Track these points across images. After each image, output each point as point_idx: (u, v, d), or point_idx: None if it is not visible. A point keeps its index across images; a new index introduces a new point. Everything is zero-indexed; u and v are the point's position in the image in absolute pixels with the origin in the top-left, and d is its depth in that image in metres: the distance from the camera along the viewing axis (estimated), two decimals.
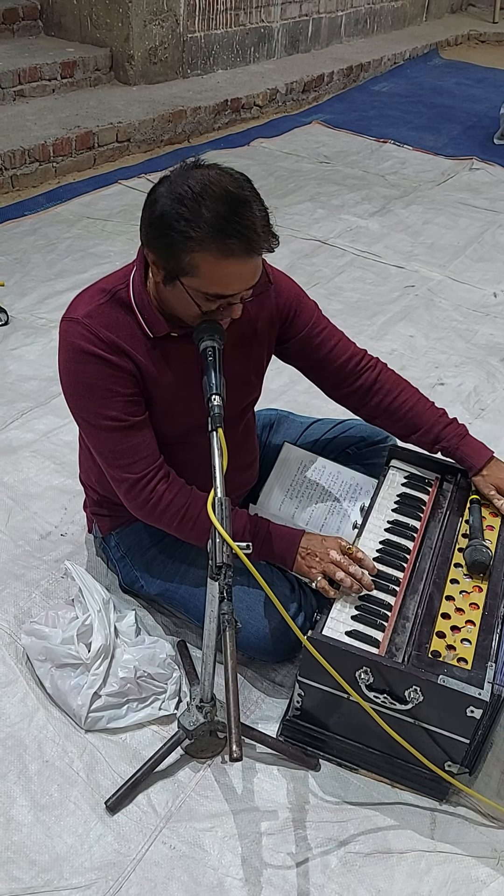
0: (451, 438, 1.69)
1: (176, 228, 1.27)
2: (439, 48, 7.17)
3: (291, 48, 6.06)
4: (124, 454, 1.48)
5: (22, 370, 2.65)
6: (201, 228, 1.26)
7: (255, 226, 1.28)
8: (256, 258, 1.32)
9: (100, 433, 1.48)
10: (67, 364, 1.46)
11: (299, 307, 1.62)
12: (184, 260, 1.30)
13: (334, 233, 3.77)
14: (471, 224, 3.97)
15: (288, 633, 1.59)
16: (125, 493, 1.52)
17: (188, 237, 1.27)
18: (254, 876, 1.37)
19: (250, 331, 1.56)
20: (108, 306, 1.44)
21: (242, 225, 1.26)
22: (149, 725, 1.58)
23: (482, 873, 1.41)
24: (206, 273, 1.30)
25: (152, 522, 1.55)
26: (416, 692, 1.35)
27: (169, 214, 1.28)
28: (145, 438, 1.49)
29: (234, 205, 1.27)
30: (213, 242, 1.27)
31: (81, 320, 1.43)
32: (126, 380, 1.45)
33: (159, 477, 1.50)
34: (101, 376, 1.44)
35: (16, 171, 3.94)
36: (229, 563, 1.16)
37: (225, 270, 1.30)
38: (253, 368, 1.62)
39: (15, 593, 1.83)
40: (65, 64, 4.68)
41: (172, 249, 1.30)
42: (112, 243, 3.51)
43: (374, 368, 1.70)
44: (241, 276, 1.32)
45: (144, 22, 4.81)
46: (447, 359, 2.90)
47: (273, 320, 1.60)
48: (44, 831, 1.41)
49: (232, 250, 1.27)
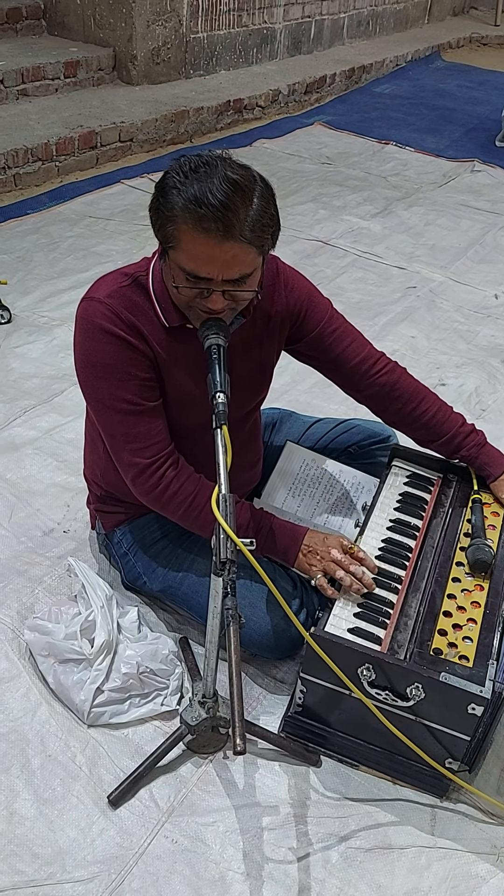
0: (471, 448, 1.70)
1: (167, 195, 1.29)
2: (441, 50, 7.18)
3: (294, 49, 6.07)
4: (136, 438, 1.48)
5: (24, 368, 2.66)
6: (186, 198, 1.26)
7: (238, 212, 1.26)
8: (235, 246, 1.28)
9: (113, 415, 1.47)
10: (86, 343, 1.45)
11: (311, 305, 1.61)
12: (168, 228, 1.31)
13: (336, 233, 3.79)
14: (472, 226, 3.98)
15: (290, 630, 1.60)
16: (134, 477, 1.51)
17: (173, 203, 1.28)
18: (255, 870, 1.38)
19: (261, 329, 1.56)
20: (130, 290, 1.45)
21: (224, 205, 1.25)
22: (151, 721, 1.59)
23: (482, 869, 1.42)
24: (184, 246, 1.30)
25: (158, 509, 1.55)
26: (418, 689, 1.36)
27: (167, 180, 1.30)
28: (158, 425, 1.49)
29: (224, 185, 1.26)
30: (190, 213, 1.26)
31: (104, 300, 1.43)
32: (144, 363, 1.45)
33: (169, 463, 1.50)
34: (120, 357, 1.43)
35: (19, 170, 3.95)
36: (233, 558, 1.17)
37: (199, 247, 1.29)
38: (262, 367, 1.62)
39: (18, 589, 1.83)
40: (68, 63, 4.69)
41: (160, 215, 1.31)
42: (114, 242, 3.52)
43: (392, 372, 1.68)
44: (214, 259, 1.29)
45: (147, 22, 4.82)
46: (448, 360, 2.91)
47: (283, 318, 1.59)
48: (46, 825, 1.42)
49: (207, 227, 1.26)
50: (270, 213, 1.33)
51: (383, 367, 1.68)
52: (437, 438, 1.71)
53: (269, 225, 1.33)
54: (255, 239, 1.30)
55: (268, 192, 1.33)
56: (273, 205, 1.34)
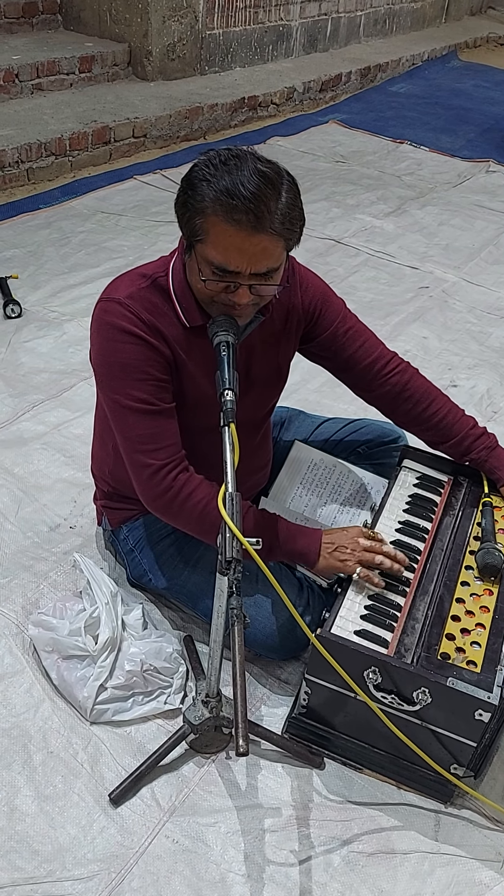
0: (481, 451, 1.68)
1: (196, 187, 1.29)
2: (458, 50, 7.14)
3: (310, 47, 6.04)
4: (150, 440, 1.47)
5: (34, 363, 2.65)
6: (217, 189, 1.26)
7: (268, 204, 1.27)
8: (265, 238, 1.29)
9: (128, 415, 1.46)
10: (105, 343, 1.45)
11: (325, 305, 1.60)
12: (196, 221, 1.30)
13: (349, 232, 3.76)
14: (486, 226, 3.95)
15: (295, 631, 1.59)
16: (146, 480, 1.48)
17: (203, 195, 1.28)
18: (256, 872, 1.37)
19: (279, 329, 1.55)
20: (149, 291, 1.44)
21: (256, 197, 1.25)
22: (154, 719, 1.58)
23: (486, 876, 1.41)
24: (213, 238, 1.30)
25: (171, 516, 1.51)
26: (425, 694, 1.34)
27: (195, 173, 1.30)
28: (172, 427, 1.48)
29: (255, 177, 1.26)
30: (222, 205, 1.26)
31: (123, 301, 1.43)
32: (161, 364, 1.45)
33: (182, 467, 1.48)
34: (139, 357, 1.43)
35: (32, 165, 3.95)
36: (239, 558, 1.16)
37: (229, 239, 1.28)
38: (277, 367, 1.62)
39: (23, 584, 1.83)
40: (83, 59, 4.68)
41: (188, 208, 1.31)
42: (126, 238, 3.51)
43: (403, 373, 1.67)
44: (244, 251, 1.29)
45: (163, 18, 4.81)
46: (460, 361, 2.89)
47: (299, 318, 1.58)
48: (47, 822, 1.41)
49: (239, 219, 1.26)
50: (299, 206, 1.33)
51: (396, 367, 1.67)
52: (448, 440, 1.69)
53: (298, 219, 1.33)
54: (284, 232, 1.31)
55: (294, 186, 1.33)
56: (300, 199, 1.34)
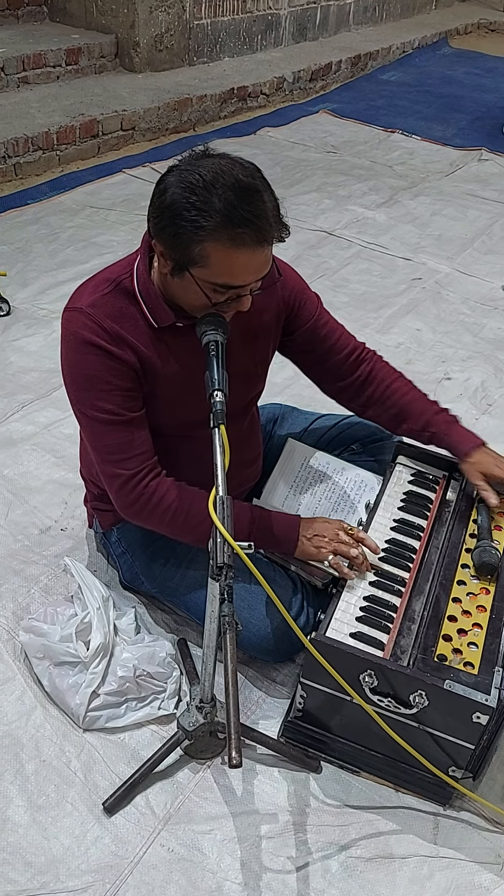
0: (441, 425, 1.66)
1: (186, 218, 1.25)
2: (448, 37, 7.08)
3: (299, 36, 5.99)
4: (118, 449, 1.46)
5: (23, 361, 2.61)
6: (212, 217, 1.24)
7: (266, 215, 1.26)
8: (267, 248, 1.31)
9: (95, 426, 1.46)
10: (69, 354, 1.44)
11: (303, 299, 1.61)
12: (194, 250, 1.27)
13: (341, 224, 3.73)
14: (479, 216, 3.92)
15: (290, 633, 1.56)
16: (117, 489, 1.49)
17: (199, 226, 1.25)
18: (253, 880, 1.35)
19: (256, 323, 1.53)
20: (113, 296, 1.42)
21: (254, 214, 1.24)
22: (148, 725, 1.56)
23: (485, 879, 1.39)
24: (216, 263, 1.28)
25: (142, 521, 1.53)
26: (422, 697, 1.32)
27: (179, 203, 1.26)
28: (141, 436, 1.47)
29: (245, 193, 1.24)
30: (224, 231, 1.24)
31: (85, 310, 1.40)
32: (126, 374, 1.43)
33: (153, 475, 1.48)
34: (102, 368, 1.41)
35: (19, 160, 3.90)
36: (230, 563, 1.13)
37: (236, 261, 1.28)
38: (259, 361, 1.60)
39: (14, 589, 1.80)
40: (70, 51, 4.62)
41: (182, 239, 1.27)
42: (115, 233, 3.47)
43: (370, 361, 1.69)
44: (251, 267, 1.30)
45: (150, 8, 4.75)
46: (454, 353, 2.86)
47: (280, 312, 1.58)
48: (40, 832, 1.39)
49: (243, 240, 1.25)
50: (277, 203, 1.32)
51: (364, 356, 1.69)
52: (407, 418, 1.67)
53: (280, 215, 1.32)
54: (278, 234, 1.31)
55: (265, 181, 1.31)
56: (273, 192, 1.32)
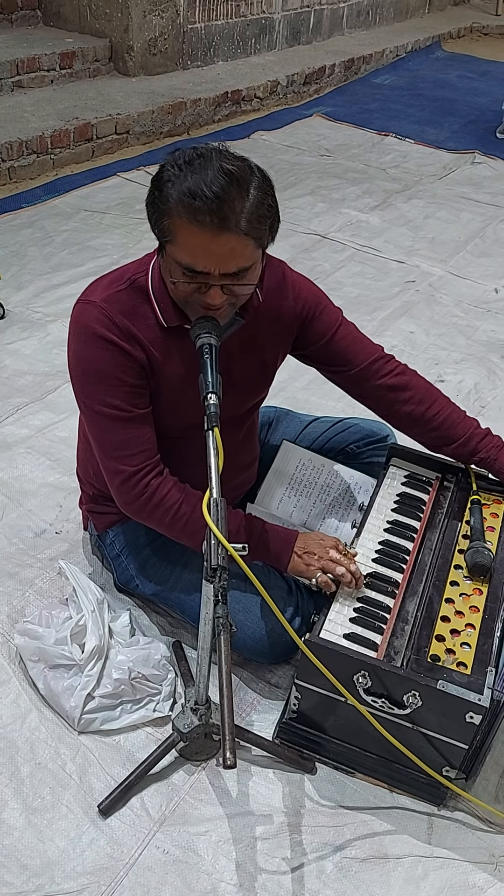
0: (490, 450, 1.65)
1: (162, 188, 1.27)
2: (442, 41, 7.10)
3: (293, 40, 6.00)
4: (123, 445, 1.46)
5: (17, 365, 2.62)
6: (180, 191, 1.24)
7: (234, 203, 1.24)
8: (231, 238, 1.25)
9: (101, 421, 1.45)
10: (78, 347, 1.44)
11: (320, 311, 1.58)
12: (164, 222, 1.28)
13: (335, 227, 3.74)
14: (472, 219, 3.94)
15: (284, 635, 1.57)
16: (119, 485, 1.49)
17: (168, 196, 1.26)
18: (248, 881, 1.36)
19: (264, 330, 1.53)
20: (127, 293, 1.42)
21: (219, 196, 1.22)
22: (143, 727, 1.56)
23: (479, 879, 1.39)
24: (180, 239, 1.28)
25: (143, 519, 1.53)
26: (415, 697, 1.33)
27: (162, 174, 1.28)
28: (146, 432, 1.47)
29: (220, 176, 1.23)
30: (186, 207, 1.24)
31: (99, 304, 1.41)
32: (135, 370, 1.43)
33: (155, 472, 1.48)
34: (111, 363, 1.41)
35: (13, 163, 3.90)
36: (224, 565, 1.14)
37: (195, 240, 1.26)
38: (261, 369, 1.60)
39: (8, 592, 1.80)
40: (64, 55, 4.63)
41: (156, 208, 1.29)
42: (109, 236, 3.48)
43: (402, 374, 1.66)
44: (211, 252, 1.26)
45: (144, 12, 4.76)
46: (448, 355, 2.87)
47: (290, 323, 1.56)
48: (35, 835, 1.39)
49: (202, 220, 1.23)
50: (268, 204, 1.30)
51: (394, 369, 1.66)
52: (452, 442, 1.67)
53: (267, 216, 1.30)
54: (251, 231, 1.27)
55: (265, 183, 1.30)
56: (271, 196, 1.31)
